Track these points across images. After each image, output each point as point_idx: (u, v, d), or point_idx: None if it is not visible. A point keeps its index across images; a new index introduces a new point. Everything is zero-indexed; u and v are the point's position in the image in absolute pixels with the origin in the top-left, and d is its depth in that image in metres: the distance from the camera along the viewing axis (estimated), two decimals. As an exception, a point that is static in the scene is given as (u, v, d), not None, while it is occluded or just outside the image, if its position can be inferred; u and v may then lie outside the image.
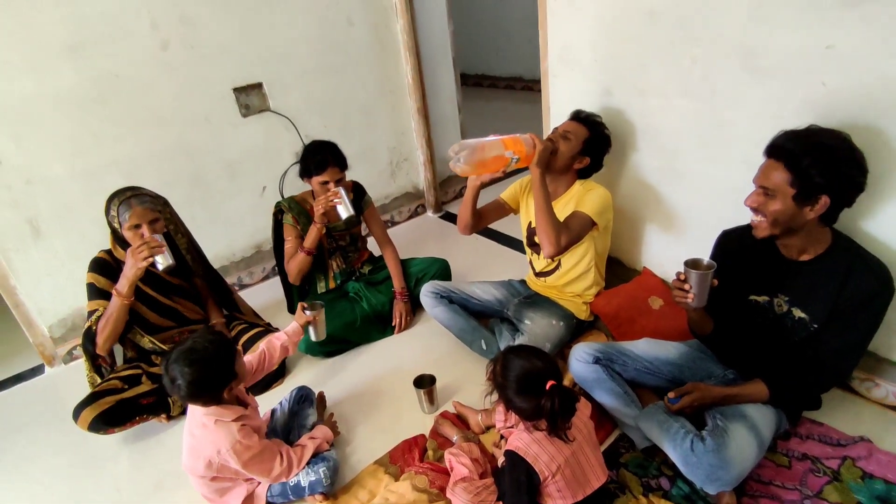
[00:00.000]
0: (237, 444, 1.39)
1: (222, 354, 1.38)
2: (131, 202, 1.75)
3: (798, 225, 1.32)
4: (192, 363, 1.32)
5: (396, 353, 2.19)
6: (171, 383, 1.34)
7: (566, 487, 1.25)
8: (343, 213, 2.08)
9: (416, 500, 1.46)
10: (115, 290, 1.77)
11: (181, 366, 1.32)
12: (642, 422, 1.51)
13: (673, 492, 1.43)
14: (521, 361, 1.25)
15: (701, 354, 1.66)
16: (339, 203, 2.07)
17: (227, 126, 2.57)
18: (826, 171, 1.23)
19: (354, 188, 2.35)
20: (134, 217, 1.74)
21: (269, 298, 2.68)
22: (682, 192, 1.92)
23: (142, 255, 1.70)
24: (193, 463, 1.45)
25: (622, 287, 2.08)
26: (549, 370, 1.24)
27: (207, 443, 1.41)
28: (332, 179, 2.10)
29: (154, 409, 1.85)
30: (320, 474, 1.52)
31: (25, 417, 2.12)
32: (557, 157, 1.83)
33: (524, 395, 1.22)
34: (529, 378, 1.22)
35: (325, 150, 2.11)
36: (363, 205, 2.35)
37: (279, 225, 2.28)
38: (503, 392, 1.25)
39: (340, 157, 2.15)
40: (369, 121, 3.03)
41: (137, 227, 1.76)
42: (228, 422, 1.41)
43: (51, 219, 2.23)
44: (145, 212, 1.77)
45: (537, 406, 1.19)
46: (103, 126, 2.26)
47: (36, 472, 1.83)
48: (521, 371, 1.23)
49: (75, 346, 2.42)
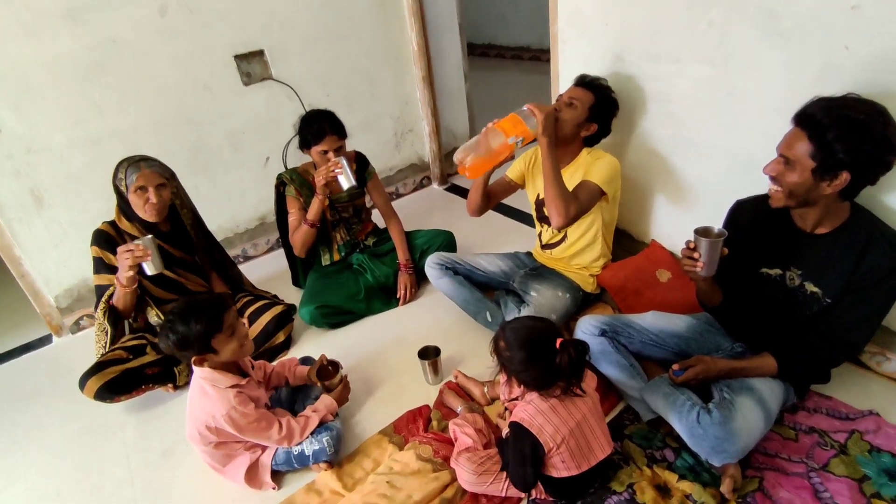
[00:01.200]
0: (232, 409, 1.41)
1: (211, 306, 1.40)
2: (140, 165, 1.76)
3: (815, 198, 1.28)
4: (175, 319, 1.37)
5: (401, 325, 2.18)
6: (164, 335, 1.37)
7: (570, 458, 1.25)
8: (345, 183, 2.05)
9: (420, 468, 1.47)
10: (116, 280, 1.77)
11: (173, 316, 1.37)
12: (647, 394, 1.50)
13: (677, 463, 1.43)
14: (522, 330, 1.23)
15: (709, 327, 1.63)
16: (341, 173, 2.03)
17: (228, 94, 2.52)
18: (851, 148, 1.17)
19: (357, 158, 2.30)
20: (141, 178, 1.74)
21: (274, 270, 2.67)
22: (694, 161, 1.87)
23: (126, 263, 1.69)
24: (191, 429, 1.47)
25: (630, 259, 2.05)
26: (551, 330, 1.22)
27: (202, 408, 1.43)
28: (331, 148, 2.06)
29: (159, 379, 1.86)
30: (324, 443, 1.52)
31: (35, 386, 2.15)
32: (563, 126, 1.77)
33: (535, 360, 1.20)
34: (537, 342, 1.20)
35: (322, 119, 2.06)
36: (366, 175, 2.31)
37: (281, 197, 2.26)
38: (510, 366, 1.24)
39: (338, 125, 2.10)
40: (373, 90, 2.96)
41: (143, 190, 1.75)
42: (224, 388, 1.42)
43: (53, 189, 2.22)
44: (153, 175, 1.76)
45: (550, 369, 1.18)
46: (103, 94, 2.22)
47: (47, 440, 1.86)
48: (527, 338, 1.21)
49: (82, 316, 2.43)
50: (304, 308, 2.13)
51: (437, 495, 1.42)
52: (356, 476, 1.54)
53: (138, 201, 1.77)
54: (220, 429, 1.43)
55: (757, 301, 1.50)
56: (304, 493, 1.51)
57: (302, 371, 1.74)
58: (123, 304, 1.80)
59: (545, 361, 1.19)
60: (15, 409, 2.03)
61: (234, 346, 1.43)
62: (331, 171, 2.03)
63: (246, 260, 2.82)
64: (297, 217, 2.21)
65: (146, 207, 1.78)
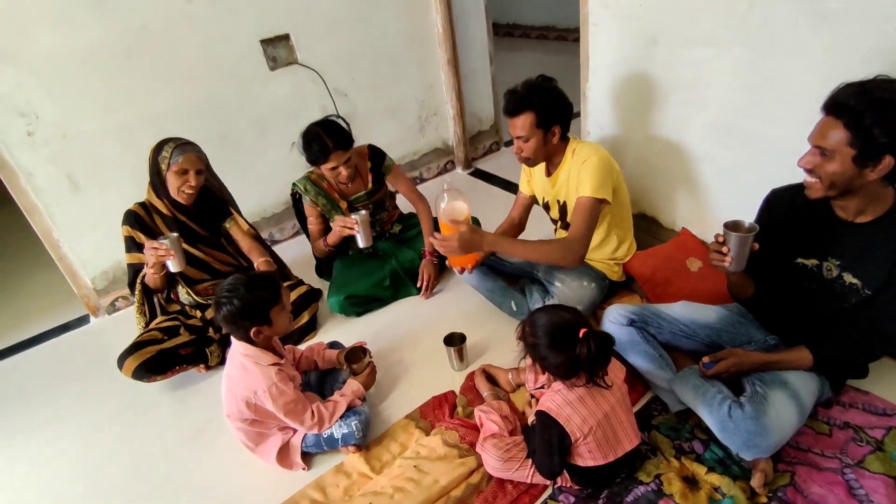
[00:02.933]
0: (273, 386, 1.45)
1: (270, 279, 1.48)
2: (186, 148, 1.83)
3: (857, 186, 1.23)
4: (239, 286, 1.40)
5: (426, 312, 2.19)
6: (216, 306, 1.40)
7: (597, 449, 1.25)
8: (361, 242, 2.04)
9: (446, 454, 1.49)
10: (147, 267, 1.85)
11: (228, 289, 1.40)
12: (677, 385, 1.49)
13: (706, 455, 1.42)
14: (548, 317, 1.23)
15: (741, 319, 1.60)
16: (358, 233, 2.01)
17: (255, 80, 2.53)
18: (891, 130, 1.12)
19: (371, 154, 2.23)
20: (186, 162, 1.81)
21: (299, 254, 2.70)
22: (729, 149, 1.82)
23: (151, 260, 1.78)
24: (230, 405, 1.51)
25: (659, 248, 2.02)
26: (578, 320, 1.22)
27: (244, 384, 1.47)
28: (339, 163, 1.99)
29: (193, 360, 1.92)
30: (353, 427, 1.55)
31: (74, 365, 2.23)
32: (533, 158, 1.77)
33: (557, 349, 1.20)
34: (560, 330, 1.20)
35: (323, 135, 1.95)
36: (384, 170, 2.24)
37: (298, 203, 2.26)
38: (535, 351, 1.24)
39: (341, 137, 1.98)
40: (398, 74, 2.94)
41: (184, 173, 1.82)
42: (266, 366, 1.46)
43: (87, 174, 2.27)
44: (197, 160, 1.84)
45: (572, 358, 1.18)
46: (133, 81, 2.25)
47: (88, 415, 1.94)
48: (551, 325, 1.21)
49: (117, 297, 2.51)
50: (332, 298, 2.16)
51: (463, 480, 1.44)
52: (383, 459, 1.57)
53: (176, 182, 1.83)
54: (259, 405, 1.47)
55: (792, 292, 1.46)
56: (333, 475, 1.55)
57: (331, 355, 1.77)
58: (154, 284, 1.90)
59: (568, 350, 1.18)
60: (56, 386, 2.12)
61: (285, 319, 1.49)
62: (345, 230, 2.02)
63: (273, 244, 2.85)
64: (317, 226, 2.23)
65: (183, 189, 1.84)
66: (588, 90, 2.20)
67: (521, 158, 1.80)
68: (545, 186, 1.92)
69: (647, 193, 2.16)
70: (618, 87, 2.07)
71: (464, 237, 1.63)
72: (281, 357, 1.54)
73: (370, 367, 1.74)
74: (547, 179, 1.90)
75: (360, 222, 1.99)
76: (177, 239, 1.77)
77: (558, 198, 1.88)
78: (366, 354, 1.75)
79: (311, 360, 1.77)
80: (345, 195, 2.20)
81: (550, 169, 1.87)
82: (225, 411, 1.56)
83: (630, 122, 2.09)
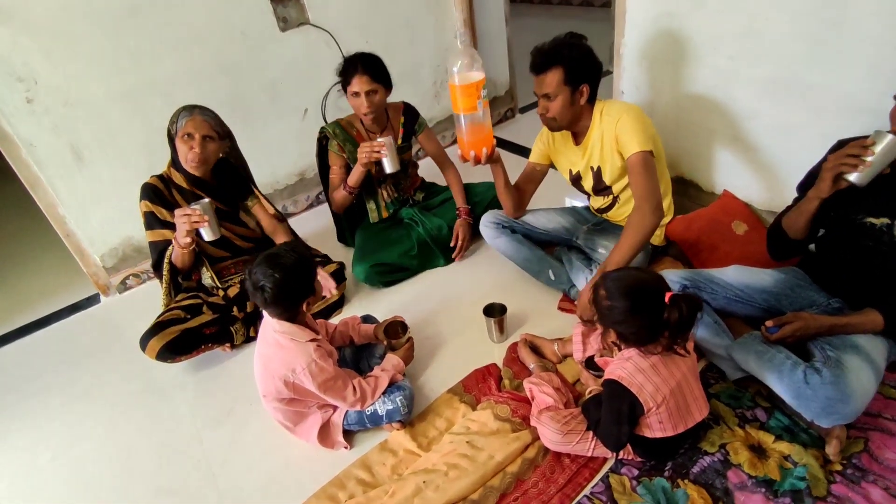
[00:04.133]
0: (312, 363, 1.37)
1: (305, 265, 1.37)
2: (194, 111, 1.69)
3: None
4: (278, 267, 1.30)
5: (457, 282, 2.11)
6: (253, 287, 1.31)
7: (668, 419, 1.19)
8: (388, 167, 1.92)
9: (499, 428, 1.42)
10: (175, 240, 1.73)
11: (267, 268, 1.30)
12: (736, 352, 1.42)
13: (770, 423, 1.37)
14: (630, 279, 1.15)
15: (800, 282, 1.53)
16: (385, 156, 1.90)
17: (265, 41, 2.38)
18: None
19: (406, 111, 2.18)
20: (190, 125, 1.68)
21: (316, 227, 2.60)
22: (783, 105, 1.71)
23: (185, 228, 1.65)
24: (267, 385, 1.43)
25: (702, 211, 1.94)
26: (661, 283, 1.14)
27: (281, 362, 1.39)
28: (361, 90, 1.91)
29: (218, 339, 1.83)
30: (397, 403, 1.48)
31: (89, 345, 2.13)
32: (559, 119, 1.65)
33: (639, 313, 1.12)
34: (642, 292, 1.12)
35: (357, 59, 1.90)
36: (416, 128, 2.19)
37: (324, 150, 2.15)
38: (611, 315, 1.15)
39: (374, 66, 1.92)
40: (413, 36, 2.79)
41: (189, 137, 1.69)
42: (304, 342, 1.38)
43: (92, 144, 2.14)
44: (203, 124, 1.70)
45: (654, 322, 1.10)
46: (139, 43, 2.10)
47: (111, 397, 1.85)
48: (633, 288, 1.13)
49: (128, 275, 2.40)
50: (358, 266, 2.07)
51: (518, 455, 1.37)
52: (430, 435, 1.50)
53: (182, 147, 1.71)
54: (298, 384, 1.39)
55: (857, 253, 1.39)
56: (378, 453, 1.48)
57: (367, 329, 1.68)
58: (182, 262, 1.77)
59: (649, 314, 1.11)
60: (72, 367, 2.02)
61: (318, 294, 1.43)
62: (374, 153, 1.90)
63: (287, 217, 2.74)
64: (339, 175, 2.12)
65: (189, 156, 1.72)
66: (623, 46, 2.08)
67: (546, 120, 1.70)
68: (574, 157, 1.82)
69: (686, 155, 2.06)
70: (658, 43, 1.95)
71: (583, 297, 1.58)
72: (317, 333, 1.46)
73: (409, 342, 1.66)
74: (576, 148, 1.79)
75: (388, 144, 1.89)
76: (209, 203, 1.67)
77: (591, 164, 1.78)
78: (405, 330, 1.67)
79: (346, 335, 1.69)
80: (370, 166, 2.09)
81: (578, 138, 1.77)
82: (260, 391, 1.48)
83: (670, 79, 1.98)
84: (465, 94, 1.50)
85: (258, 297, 1.33)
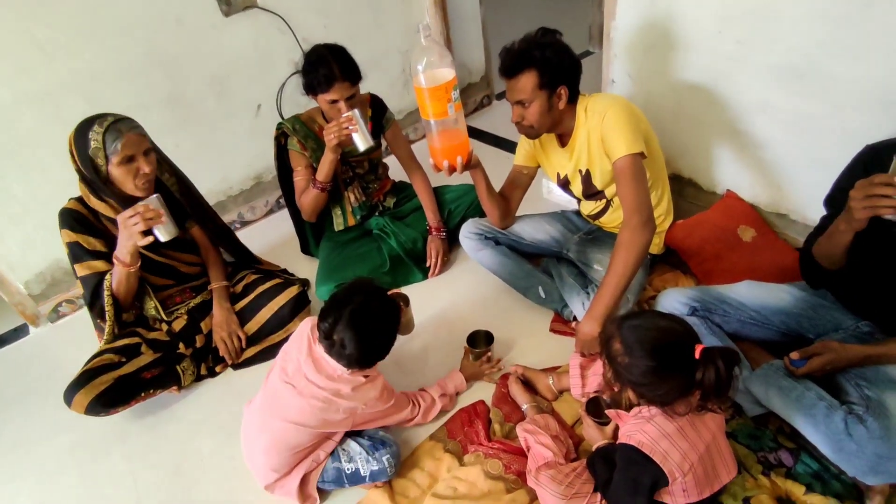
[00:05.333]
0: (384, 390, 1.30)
1: (393, 318, 1.25)
2: (120, 128, 1.38)
3: None
4: (366, 329, 1.17)
5: (435, 300, 1.88)
6: (340, 347, 1.17)
7: (694, 487, 1.00)
8: (360, 143, 1.67)
9: (490, 489, 1.23)
10: (116, 259, 1.45)
11: (353, 332, 1.15)
12: (755, 385, 1.25)
13: (798, 469, 1.20)
14: (651, 330, 0.95)
15: (822, 301, 1.36)
16: (355, 131, 1.65)
17: (205, 28, 2.07)
18: None
19: (373, 103, 1.92)
20: (127, 146, 1.39)
21: (277, 237, 2.34)
22: (798, 96, 1.51)
23: (137, 228, 1.38)
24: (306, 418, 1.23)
25: (703, 215, 1.75)
26: (689, 332, 0.95)
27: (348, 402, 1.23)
28: (342, 97, 1.66)
29: (161, 382, 1.57)
30: (384, 463, 1.28)
31: (16, 387, 1.85)
32: (537, 127, 1.46)
33: (666, 374, 0.92)
34: (670, 349, 0.93)
35: (331, 60, 1.64)
36: (384, 123, 1.94)
37: (283, 150, 1.89)
38: (627, 375, 0.95)
39: (351, 67, 1.68)
40: (378, 18, 2.50)
41: (131, 160, 1.41)
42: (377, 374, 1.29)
43: (3, 155, 1.82)
44: (140, 140, 1.42)
45: (684, 384, 0.91)
46: (51, 34, 1.78)
47: (38, 455, 1.59)
48: (659, 344, 0.93)
49: (60, 302, 2.10)
50: (322, 286, 1.83)
51: (514, 521, 1.18)
52: (411, 495, 1.30)
53: (126, 175, 1.41)
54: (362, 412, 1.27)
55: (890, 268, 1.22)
56: (352, 519, 1.27)
57: None
58: (127, 288, 1.50)
59: (679, 374, 0.91)
60: (-3, 416, 1.75)
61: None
62: (343, 129, 1.64)
63: (243, 226, 2.47)
64: (305, 177, 1.86)
65: (137, 181, 1.43)
66: (614, 30, 1.85)
67: (522, 129, 1.49)
68: (561, 160, 1.61)
69: (685, 151, 1.86)
70: (655, 26, 1.73)
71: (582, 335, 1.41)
72: None
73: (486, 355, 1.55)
74: (562, 151, 1.58)
75: (356, 117, 1.65)
76: (158, 198, 1.42)
77: (579, 167, 1.57)
78: (490, 342, 1.56)
79: None
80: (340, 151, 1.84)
81: (564, 139, 1.56)
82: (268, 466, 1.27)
83: (667, 67, 1.77)
84: (433, 97, 1.27)
85: (342, 359, 1.19)
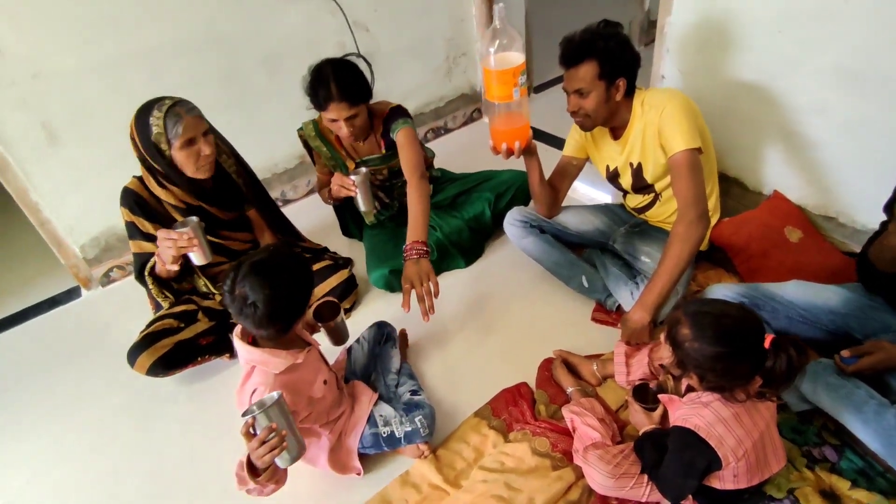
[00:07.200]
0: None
1: (303, 270, 1.13)
2: (178, 111, 1.39)
3: None
4: (272, 277, 1.04)
5: (477, 285, 1.92)
6: (241, 302, 1.03)
7: (745, 473, 1.03)
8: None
9: (537, 465, 1.27)
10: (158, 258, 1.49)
11: (256, 280, 1.02)
12: (803, 382, 1.27)
13: (842, 465, 1.22)
14: (720, 318, 0.97)
15: (871, 303, 1.37)
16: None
17: (264, 10, 2.12)
18: None
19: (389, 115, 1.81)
20: (188, 129, 1.40)
21: (318, 217, 2.38)
22: (855, 98, 1.51)
23: (170, 253, 1.39)
24: None
25: (750, 214, 1.76)
26: (756, 322, 0.98)
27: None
28: (340, 118, 1.63)
29: (215, 349, 1.64)
30: (416, 423, 1.32)
31: (69, 347, 1.93)
32: (594, 117, 1.47)
33: (736, 361, 0.95)
34: (741, 337, 0.96)
35: (331, 80, 1.59)
36: (393, 127, 1.79)
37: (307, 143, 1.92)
38: (693, 360, 0.98)
39: (351, 87, 1.61)
40: (427, 4, 2.53)
41: (192, 142, 1.42)
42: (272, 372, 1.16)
43: (67, 122, 1.89)
44: (198, 122, 1.44)
45: (752, 371, 0.94)
46: (119, 7, 1.83)
47: (94, 410, 1.67)
48: (732, 331, 0.96)
49: (111, 267, 2.18)
50: (375, 272, 1.87)
51: (560, 497, 1.22)
52: (457, 467, 1.34)
53: (187, 158, 1.44)
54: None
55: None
56: (399, 487, 1.32)
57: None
58: (167, 275, 1.56)
59: (747, 361, 0.94)
60: (50, 373, 1.82)
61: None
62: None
63: (286, 204, 2.52)
64: (324, 176, 1.96)
65: (200, 162, 1.46)
66: (668, 25, 1.86)
67: (578, 118, 1.51)
68: (612, 152, 1.63)
69: (733, 150, 1.87)
70: (712, 23, 1.73)
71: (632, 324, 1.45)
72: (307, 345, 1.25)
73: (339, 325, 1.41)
74: (615, 143, 1.60)
75: (359, 183, 1.70)
76: (198, 225, 1.41)
77: (631, 160, 1.59)
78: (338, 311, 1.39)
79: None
80: (353, 154, 1.87)
81: (618, 131, 1.58)
82: None
83: (720, 65, 1.77)
84: (500, 80, 1.30)
85: (246, 317, 1.05)
